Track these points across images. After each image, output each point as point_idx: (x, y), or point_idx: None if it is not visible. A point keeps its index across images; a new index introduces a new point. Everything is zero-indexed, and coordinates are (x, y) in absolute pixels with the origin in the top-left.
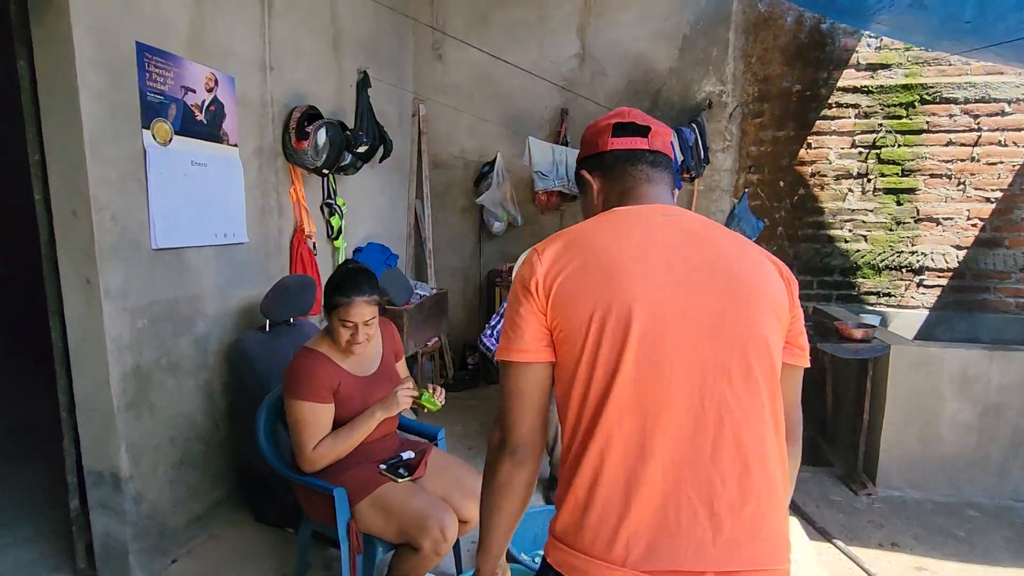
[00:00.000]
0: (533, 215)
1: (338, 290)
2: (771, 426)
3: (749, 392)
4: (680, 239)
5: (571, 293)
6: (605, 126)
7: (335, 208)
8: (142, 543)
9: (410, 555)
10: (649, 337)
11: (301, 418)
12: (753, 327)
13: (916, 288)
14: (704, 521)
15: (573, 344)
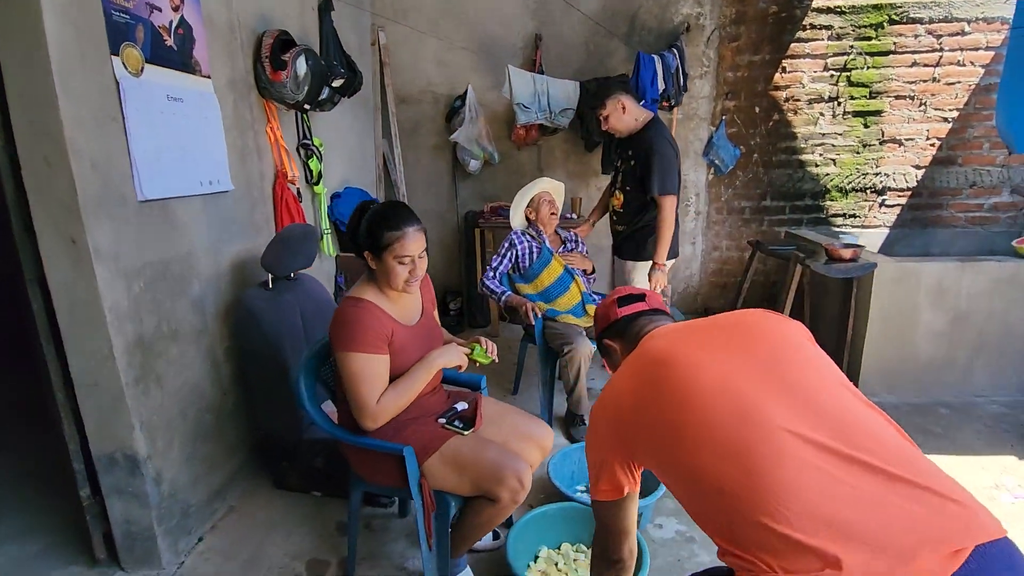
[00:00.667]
0: (510, 151)
1: (386, 224)
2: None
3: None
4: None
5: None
6: (611, 302)
7: (312, 149)
8: (167, 525)
9: (486, 506)
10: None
11: (359, 372)
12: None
13: (879, 208)
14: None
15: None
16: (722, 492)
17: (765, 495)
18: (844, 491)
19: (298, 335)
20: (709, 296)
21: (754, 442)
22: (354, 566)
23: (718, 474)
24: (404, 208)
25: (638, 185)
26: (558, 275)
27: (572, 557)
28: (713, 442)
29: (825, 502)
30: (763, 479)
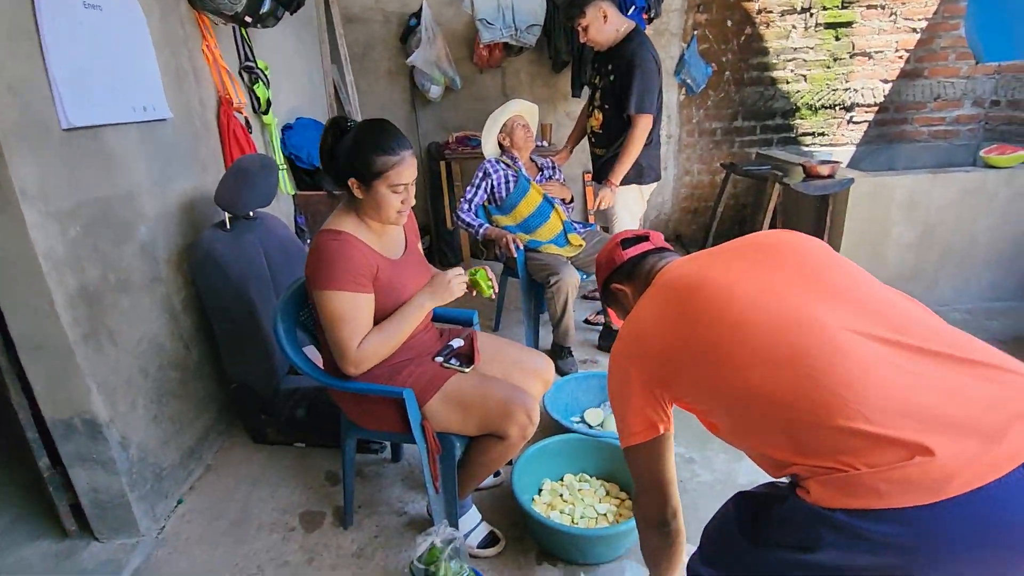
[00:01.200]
0: (472, 75)
1: (379, 149)
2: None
3: None
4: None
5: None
6: (613, 246)
7: (258, 73)
8: (140, 490)
9: (494, 444)
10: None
11: (339, 312)
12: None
13: (847, 125)
14: None
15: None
16: (783, 404)
17: (836, 397)
18: (916, 380)
19: (264, 279)
20: (680, 222)
21: (812, 347)
22: (352, 514)
23: (776, 386)
24: (395, 128)
25: (617, 102)
26: (537, 205)
27: (576, 487)
28: (766, 355)
29: (900, 393)
30: (830, 382)
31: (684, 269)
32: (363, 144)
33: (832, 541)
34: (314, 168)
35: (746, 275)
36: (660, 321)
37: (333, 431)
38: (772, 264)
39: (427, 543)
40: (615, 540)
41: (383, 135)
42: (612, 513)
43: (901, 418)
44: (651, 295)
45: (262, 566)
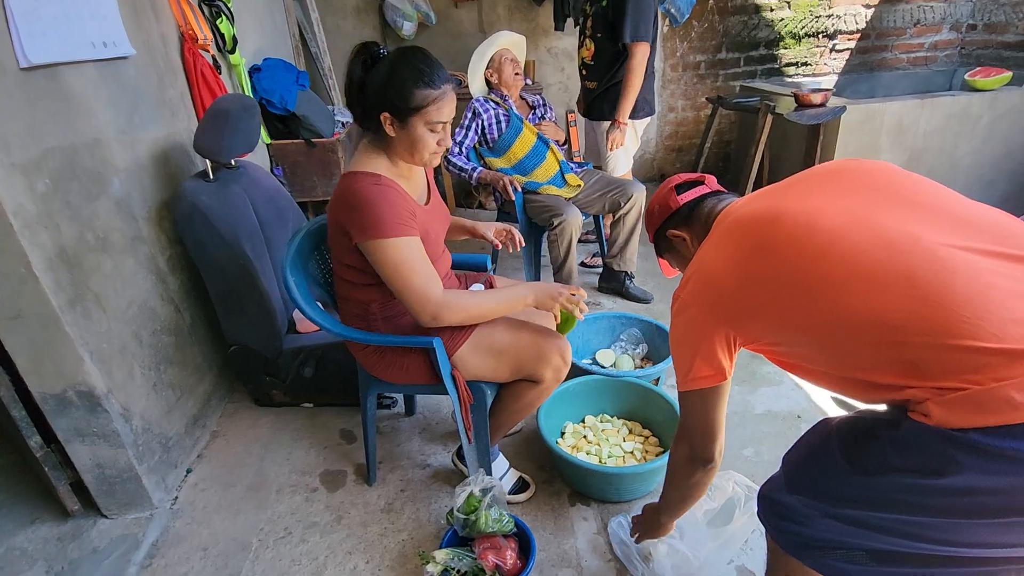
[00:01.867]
0: (447, 9)
1: (419, 80)
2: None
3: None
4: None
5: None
6: (667, 191)
7: (219, 6)
8: (149, 462)
9: (528, 389)
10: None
11: (404, 259)
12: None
13: (829, 54)
14: None
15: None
16: (893, 326)
17: (952, 315)
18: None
19: (256, 232)
20: (665, 161)
21: (916, 266)
22: (375, 470)
23: (884, 309)
24: (435, 59)
25: (610, 31)
26: (532, 144)
27: (600, 428)
28: (867, 278)
29: (1017, 303)
30: (943, 300)
31: (752, 206)
32: (401, 74)
33: (968, 463)
34: (289, 114)
35: (827, 202)
36: (735, 261)
37: (343, 389)
38: (851, 189)
39: (466, 493)
40: (649, 476)
41: (424, 65)
42: (639, 450)
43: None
44: (718, 237)
45: (290, 528)
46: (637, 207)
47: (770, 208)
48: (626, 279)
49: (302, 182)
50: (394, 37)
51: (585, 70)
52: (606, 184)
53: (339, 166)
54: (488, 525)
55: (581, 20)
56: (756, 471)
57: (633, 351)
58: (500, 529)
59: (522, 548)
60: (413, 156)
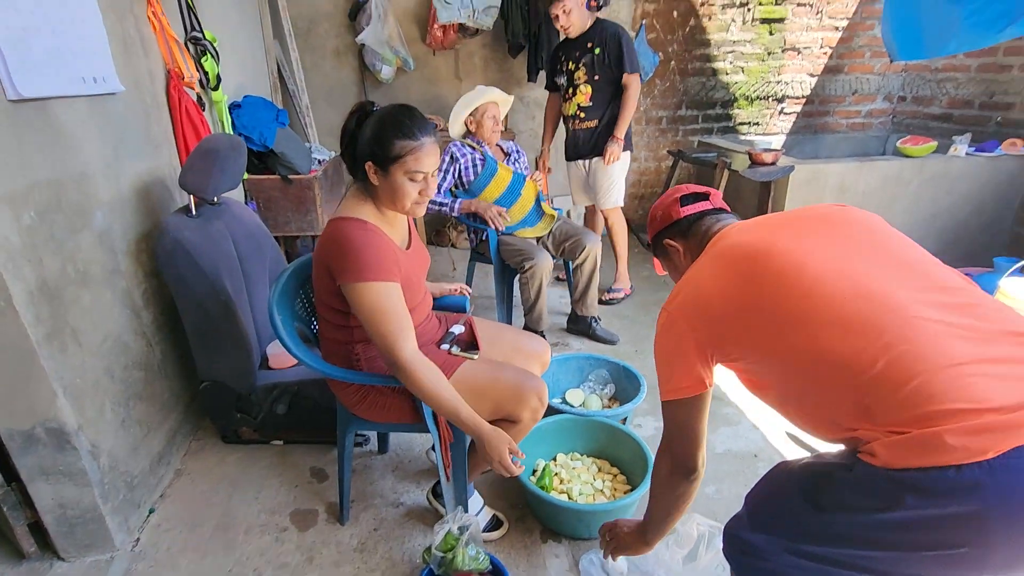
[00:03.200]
0: (425, 56)
1: (399, 131)
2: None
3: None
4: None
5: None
6: (671, 201)
7: (205, 45)
8: (113, 502)
9: (506, 427)
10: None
11: (380, 305)
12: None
13: (778, 115)
14: None
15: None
16: (858, 372)
17: (908, 372)
18: (982, 350)
19: (236, 268)
20: (628, 208)
21: (888, 324)
22: (348, 509)
23: (853, 355)
24: (419, 114)
25: (610, 70)
26: (508, 183)
27: (571, 465)
28: (845, 326)
29: (968, 363)
30: (904, 357)
31: (750, 236)
32: (383, 126)
33: (909, 500)
34: (267, 150)
35: (817, 247)
36: (723, 285)
37: (315, 426)
38: (840, 238)
39: (444, 530)
40: (619, 512)
41: (405, 118)
42: (608, 488)
43: (970, 391)
44: (712, 258)
45: (259, 570)
46: (591, 258)
47: (764, 241)
48: (592, 322)
49: (275, 217)
50: (373, 80)
51: (583, 113)
52: (564, 235)
53: (315, 202)
54: (465, 563)
55: (566, 79)
56: (718, 508)
57: (601, 391)
58: (476, 567)
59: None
60: (396, 204)
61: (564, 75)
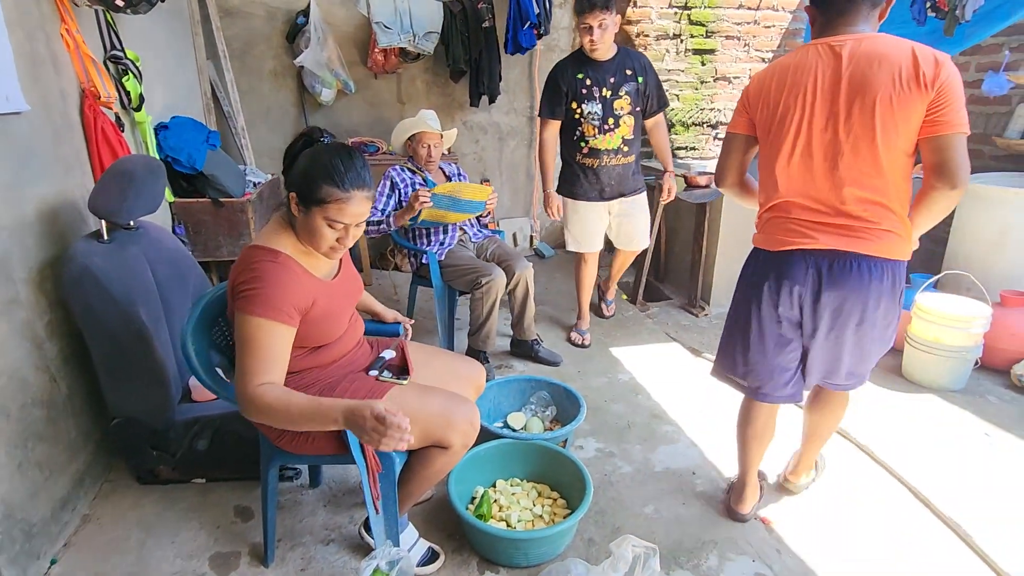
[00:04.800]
0: (367, 79)
1: (330, 177)
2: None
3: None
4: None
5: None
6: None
7: (127, 64)
8: (8, 553)
9: (437, 455)
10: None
11: (254, 339)
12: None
13: (712, 140)
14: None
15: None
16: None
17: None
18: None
19: (152, 297)
20: None
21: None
22: (273, 549)
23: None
24: (359, 160)
25: (647, 102)
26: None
27: (510, 491)
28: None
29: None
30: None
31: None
32: (315, 165)
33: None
34: (195, 172)
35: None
36: (777, 76)
37: (240, 462)
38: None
39: (371, 567)
40: (557, 539)
41: (340, 164)
42: (547, 513)
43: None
44: (800, 51)
45: None
46: (523, 283)
47: (812, 69)
48: (534, 344)
49: (206, 241)
50: (312, 102)
51: (627, 147)
52: (498, 257)
53: (248, 226)
54: None
55: (599, 106)
56: (656, 528)
57: (543, 413)
58: None
59: None
60: (311, 243)
61: (597, 102)
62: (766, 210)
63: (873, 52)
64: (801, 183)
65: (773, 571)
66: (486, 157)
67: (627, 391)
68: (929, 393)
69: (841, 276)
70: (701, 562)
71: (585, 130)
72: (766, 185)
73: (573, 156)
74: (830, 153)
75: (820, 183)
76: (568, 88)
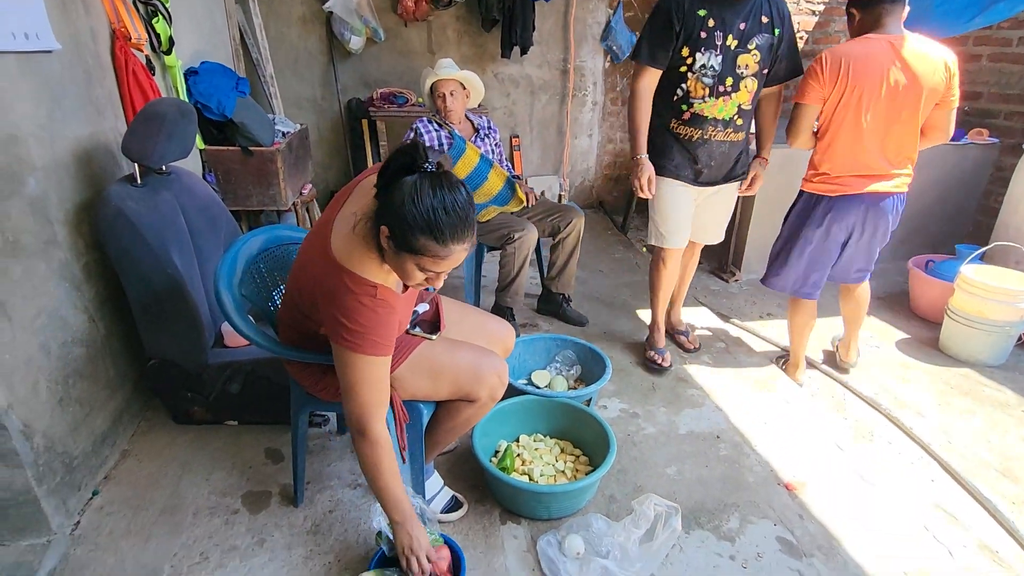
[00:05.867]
0: (396, 27)
1: (431, 232)
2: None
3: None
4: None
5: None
6: None
7: (157, 5)
8: (49, 483)
9: (464, 408)
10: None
11: (367, 376)
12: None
13: None
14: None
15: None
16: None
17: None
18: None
19: (186, 242)
20: (603, 189)
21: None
22: (303, 491)
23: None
24: (467, 208)
25: (778, 64)
26: (474, 165)
27: (533, 446)
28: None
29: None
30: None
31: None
32: (417, 211)
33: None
34: (225, 120)
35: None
36: (850, 59)
37: (271, 407)
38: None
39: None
40: (579, 494)
41: (446, 217)
42: (570, 469)
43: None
44: (860, 41)
45: (206, 553)
46: (576, 231)
47: (879, 59)
48: (563, 301)
49: (236, 190)
50: (341, 50)
51: (740, 120)
52: (547, 209)
53: (277, 176)
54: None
55: (717, 58)
56: (677, 489)
57: (567, 372)
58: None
59: (453, 567)
60: (397, 273)
61: (718, 53)
62: (825, 165)
63: (919, 51)
64: (859, 147)
65: (795, 536)
66: (517, 112)
67: None
68: (967, 368)
69: (879, 208)
70: (722, 523)
71: (692, 88)
72: (832, 146)
73: (667, 121)
74: (882, 127)
75: (874, 147)
76: (683, 27)
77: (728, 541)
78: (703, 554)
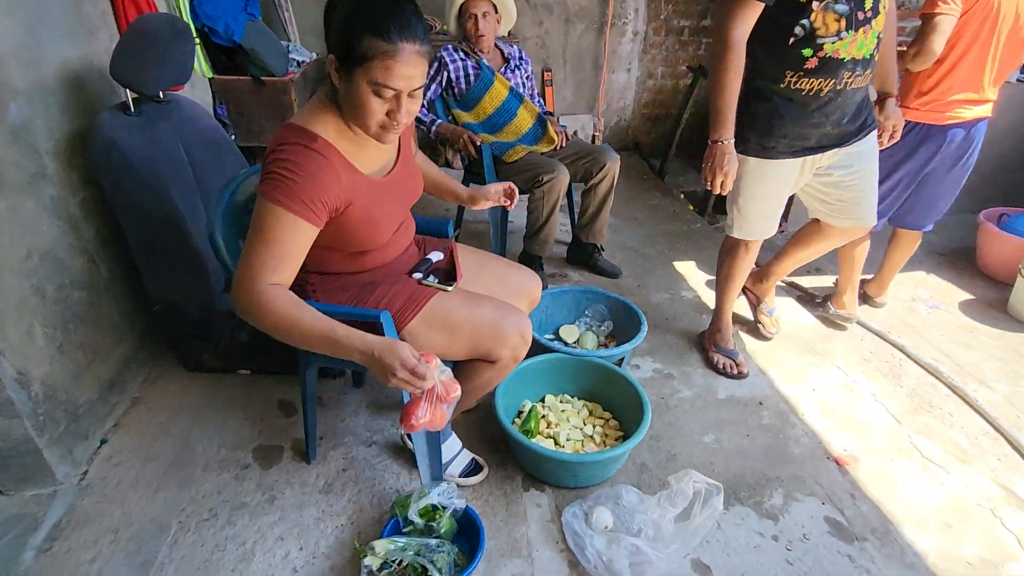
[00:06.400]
0: None
1: (372, 26)
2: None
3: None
4: None
5: None
6: None
7: None
8: (52, 433)
9: (483, 368)
10: None
11: (270, 229)
12: None
13: None
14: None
15: None
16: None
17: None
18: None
19: (187, 178)
20: (640, 131)
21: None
22: (315, 447)
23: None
24: (412, 8)
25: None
26: (503, 100)
27: (559, 408)
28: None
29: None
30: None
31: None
32: (356, 11)
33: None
34: (235, 46)
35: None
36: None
37: (284, 356)
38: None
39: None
40: (608, 463)
41: (386, 7)
42: (598, 434)
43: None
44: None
45: (215, 509)
46: (610, 177)
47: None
48: (595, 251)
49: (248, 124)
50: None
51: (876, 53)
52: (579, 151)
53: (291, 109)
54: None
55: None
56: (715, 459)
57: (598, 328)
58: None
59: (471, 539)
60: (357, 121)
61: None
62: (933, 90)
63: None
64: (969, 73)
65: (845, 517)
66: (549, 42)
67: (690, 309)
68: None
69: (971, 136)
70: (764, 500)
71: (819, 24)
72: (950, 69)
73: (776, 78)
74: (985, 56)
75: (979, 74)
76: None
77: (771, 519)
78: (743, 532)
